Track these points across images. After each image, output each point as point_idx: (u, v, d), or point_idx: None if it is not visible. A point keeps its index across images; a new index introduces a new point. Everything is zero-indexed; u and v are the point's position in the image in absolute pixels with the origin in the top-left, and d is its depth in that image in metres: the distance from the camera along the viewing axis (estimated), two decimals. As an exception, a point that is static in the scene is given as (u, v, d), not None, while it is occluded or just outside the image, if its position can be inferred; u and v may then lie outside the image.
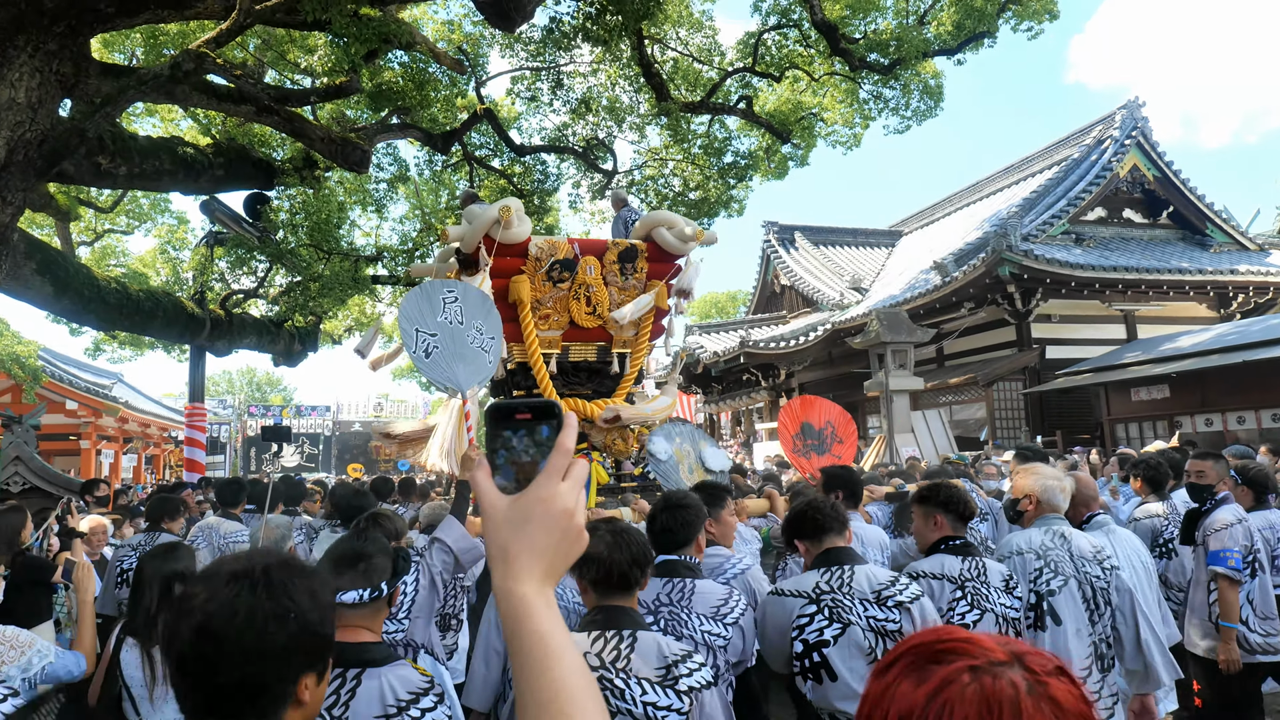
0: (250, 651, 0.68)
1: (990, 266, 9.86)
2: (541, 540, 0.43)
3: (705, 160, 9.63)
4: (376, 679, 1.12)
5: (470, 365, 2.90)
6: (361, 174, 8.68)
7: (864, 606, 1.51)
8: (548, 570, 0.43)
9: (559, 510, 0.44)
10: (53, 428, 14.30)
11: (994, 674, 0.43)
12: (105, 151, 7.21)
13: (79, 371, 14.39)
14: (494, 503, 0.45)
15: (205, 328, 9.41)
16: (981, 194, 13.86)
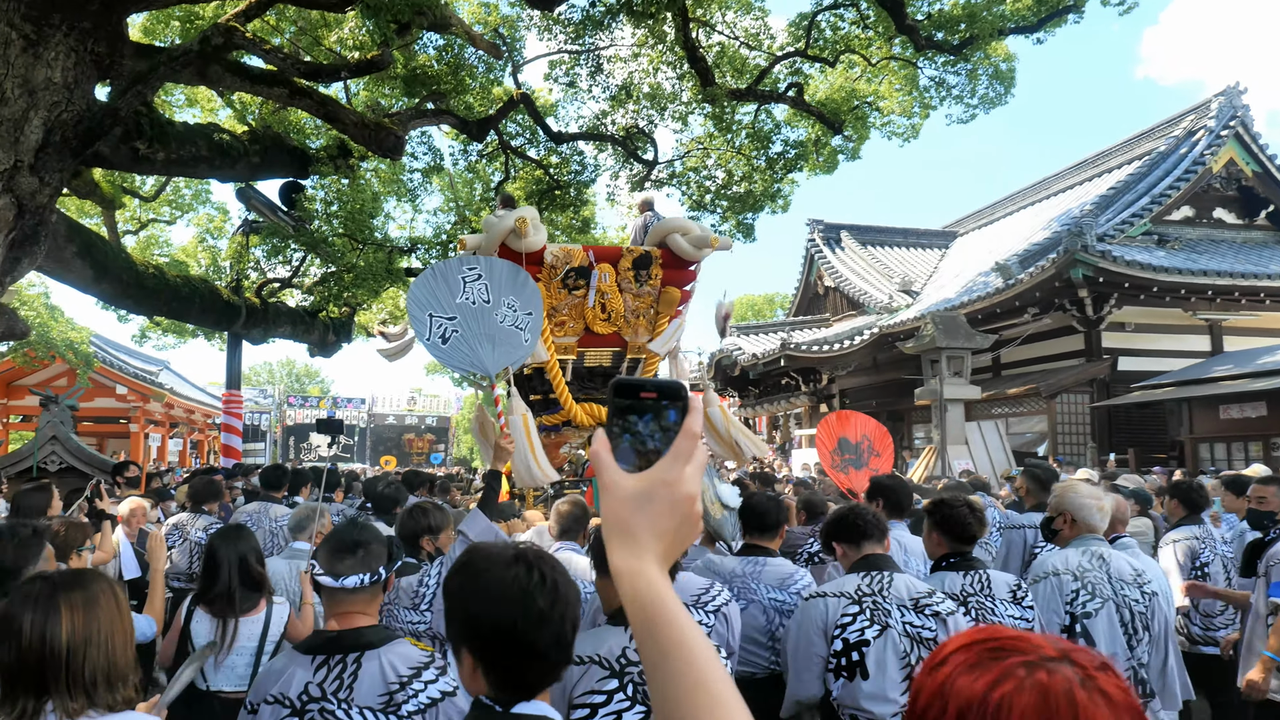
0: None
1: (1061, 269, 8.74)
2: (665, 522, 0.42)
3: (752, 149, 8.77)
4: (375, 659, 1.14)
5: (502, 346, 2.63)
6: (395, 160, 8.16)
7: (902, 612, 1.51)
8: (667, 552, 0.42)
9: (683, 494, 0.43)
10: (103, 410, 14.51)
11: (1048, 669, 0.43)
12: (143, 136, 6.86)
13: (128, 358, 14.54)
14: (617, 480, 0.43)
15: (241, 316, 9.12)
16: (1048, 191, 12.55)
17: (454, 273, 2.67)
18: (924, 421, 11.55)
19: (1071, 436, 9.74)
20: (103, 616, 0.93)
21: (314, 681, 1.14)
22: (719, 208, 9.40)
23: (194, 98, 9.80)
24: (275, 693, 1.15)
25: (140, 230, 11.17)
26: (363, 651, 1.15)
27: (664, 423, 0.45)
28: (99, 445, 16.63)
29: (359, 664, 1.14)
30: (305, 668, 1.15)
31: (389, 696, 1.11)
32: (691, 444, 0.43)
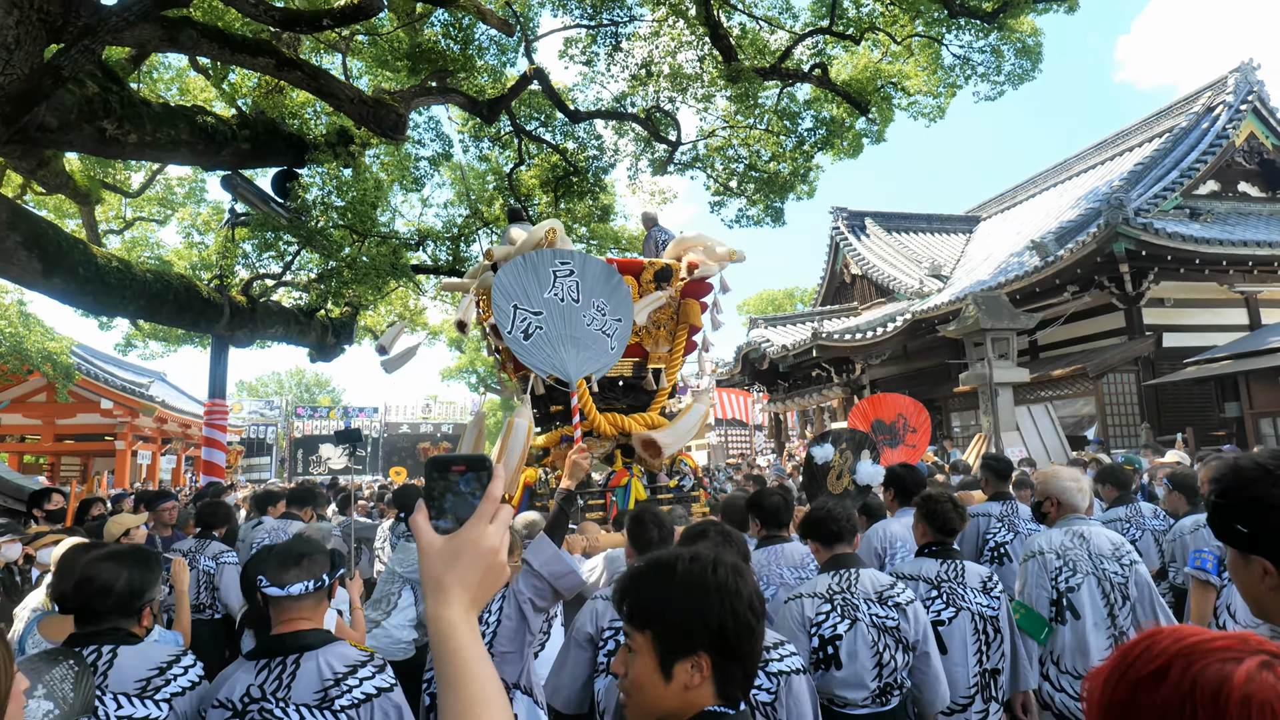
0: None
1: (1103, 243, 7.74)
2: (470, 574, 0.47)
3: (780, 126, 7.70)
4: (314, 659, 1.16)
5: (587, 351, 2.37)
6: (397, 142, 6.91)
7: (869, 605, 1.56)
8: (474, 599, 0.47)
9: (485, 549, 0.48)
10: (86, 427, 12.66)
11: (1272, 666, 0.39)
12: (110, 115, 5.55)
13: (116, 369, 12.79)
14: (431, 540, 0.49)
15: (224, 315, 7.62)
16: (1070, 173, 11.71)
17: (545, 265, 2.38)
18: (962, 409, 10.35)
19: (1120, 417, 8.59)
20: None
21: (255, 684, 1.15)
22: (746, 191, 8.29)
23: (185, 86, 8.50)
24: (220, 697, 1.17)
25: (126, 230, 9.68)
26: (302, 653, 1.16)
27: (472, 489, 0.50)
28: (84, 465, 14.61)
29: (298, 664, 1.16)
30: (249, 672, 1.17)
31: (324, 693, 1.12)
32: (492, 506, 0.50)
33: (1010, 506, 2.59)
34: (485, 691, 0.43)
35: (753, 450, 13.94)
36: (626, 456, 3.78)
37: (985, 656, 1.69)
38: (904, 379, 11.21)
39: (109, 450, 12.87)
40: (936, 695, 1.54)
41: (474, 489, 0.50)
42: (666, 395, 4.22)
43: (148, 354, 10.93)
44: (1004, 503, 2.61)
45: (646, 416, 3.96)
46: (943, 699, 1.55)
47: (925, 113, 8.45)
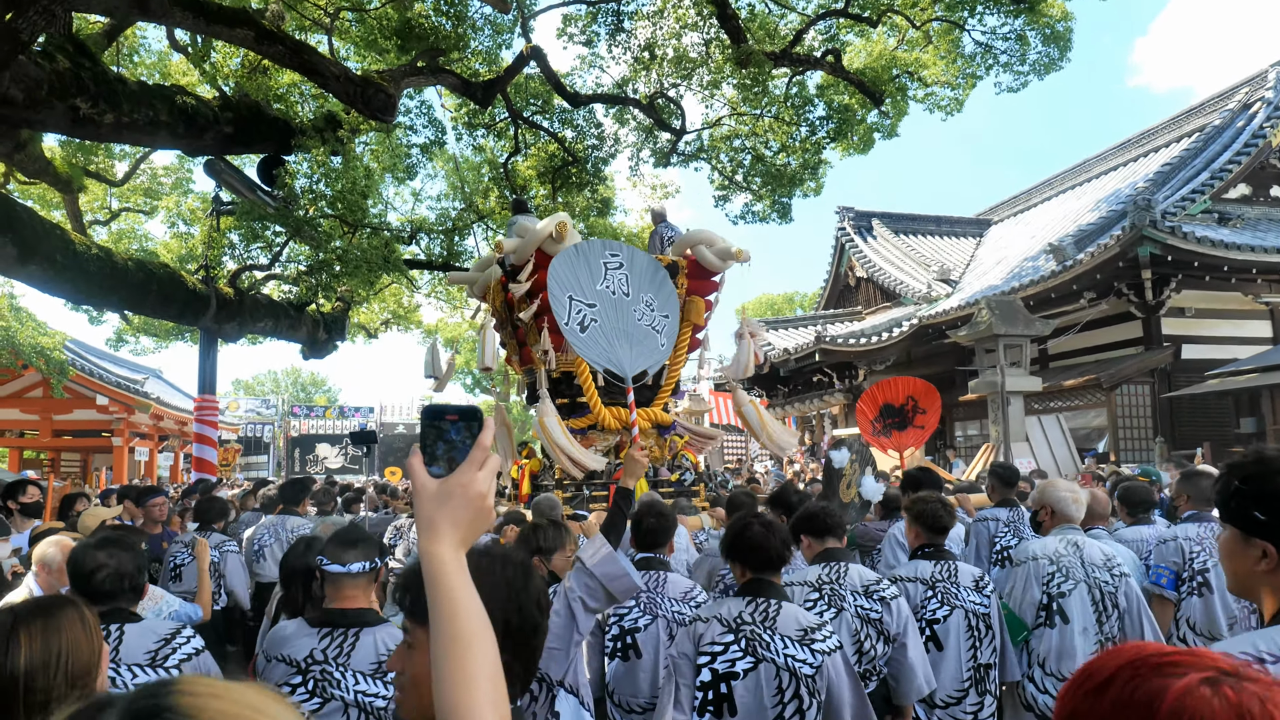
0: None
1: (1126, 246, 7.15)
2: (459, 515, 0.49)
3: (790, 114, 7.08)
4: (371, 635, 1.31)
5: (639, 347, 2.34)
6: (387, 123, 6.33)
7: (855, 597, 1.62)
8: (463, 538, 0.49)
9: (475, 493, 0.50)
10: (83, 423, 12.28)
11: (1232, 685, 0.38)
12: (84, 92, 5.02)
13: (111, 365, 12.38)
14: (425, 484, 0.51)
15: (210, 307, 7.13)
16: (1089, 175, 11.05)
17: (596, 256, 2.34)
18: (966, 419, 9.84)
19: (1133, 430, 8.08)
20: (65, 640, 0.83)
21: (318, 648, 1.30)
22: (752, 185, 7.70)
23: (167, 71, 7.92)
24: (284, 654, 1.31)
25: (111, 220, 9.16)
26: (362, 628, 1.31)
27: (463, 437, 0.53)
28: (84, 461, 14.30)
29: (358, 637, 1.30)
30: (311, 637, 1.31)
31: (379, 664, 1.28)
32: (482, 453, 0.52)
33: (1017, 513, 2.62)
34: (472, 622, 0.46)
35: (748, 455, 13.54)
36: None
37: (978, 652, 1.74)
38: None
39: (107, 446, 12.51)
40: (912, 686, 1.57)
41: (465, 437, 0.53)
42: (670, 391, 4.14)
43: (139, 349, 10.48)
44: (1011, 509, 2.64)
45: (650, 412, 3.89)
46: (918, 690, 1.58)
47: (942, 105, 7.81)
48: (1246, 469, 0.75)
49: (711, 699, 1.31)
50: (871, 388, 4.66)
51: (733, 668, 1.32)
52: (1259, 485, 0.73)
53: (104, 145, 8.26)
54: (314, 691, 1.26)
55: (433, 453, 0.52)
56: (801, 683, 1.30)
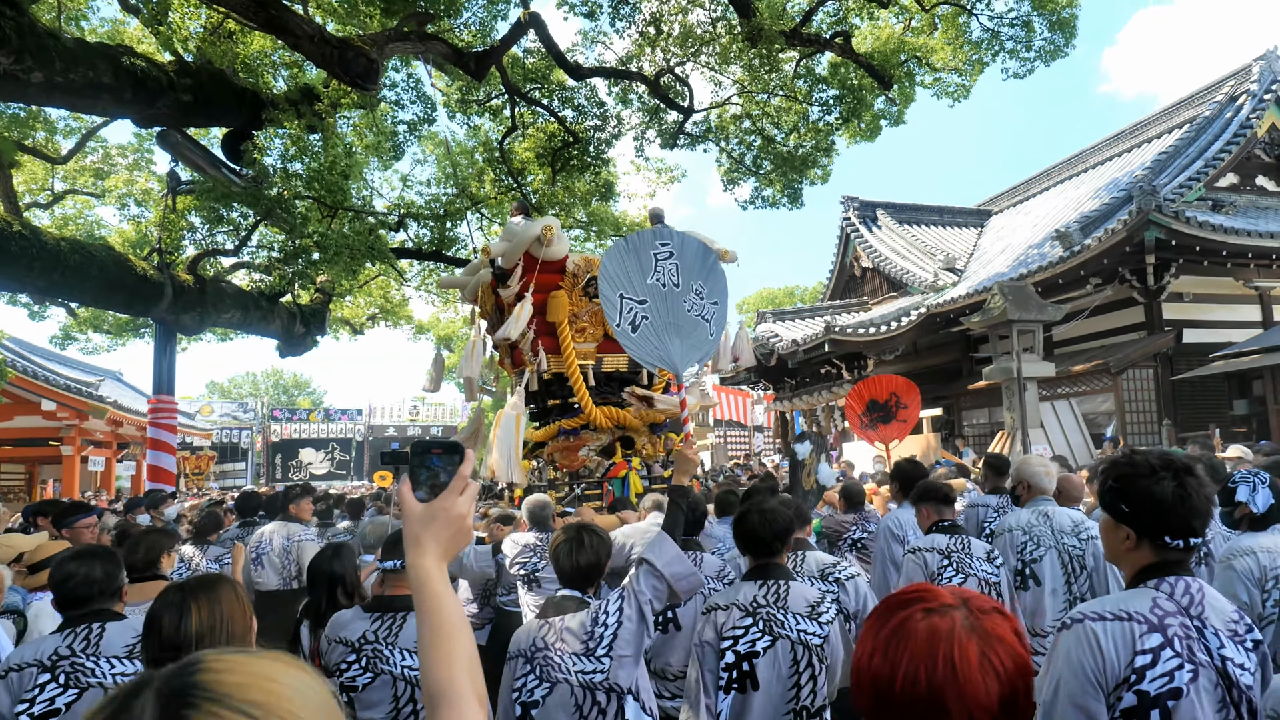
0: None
1: (1133, 230, 6.91)
2: (442, 533, 0.58)
3: (804, 92, 6.58)
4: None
5: (689, 339, 2.10)
6: (368, 91, 5.52)
7: (813, 581, 1.74)
8: (444, 552, 0.58)
9: (455, 515, 0.59)
10: (26, 431, 10.78)
11: (942, 613, 0.52)
12: (5, 45, 4.12)
13: (60, 367, 10.95)
14: (412, 507, 0.60)
15: (165, 296, 6.12)
16: (1086, 165, 10.86)
17: (646, 248, 2.09)
18: (974, 408, 9.50)
19: (1139, 415, 7.84)
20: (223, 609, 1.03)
21: (370, 629, 1.44)
22: (762, 168, 7.17)
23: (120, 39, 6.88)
24: (341, 636, 1.46)
25: (54, 204, 7.97)
26: (408, 612, 1.43)
27: (446, 467, 0.62)
28: (29, 473, 12.65)
29: (405, 620, 1.44)
30: (364, 620, 1.46)
31: None
32: (462, 482, 0.61)
33: (1006, 500, 2.69)
34: (453, 621, 0.53)
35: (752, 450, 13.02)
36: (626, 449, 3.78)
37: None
38: (913, 377, 10.28)
39: (56, 456, 11.02)
40: None
41: (447, 467, 0.62)
42: (660, 390, 4.11)
43: (89, 347, 9.20)
44: (1000, 496, 2.72)
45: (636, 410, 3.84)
46: None
47: (950, 91, 7.49)
48: (1120, 469, 0.94)
49: (735, 677, 1.40)
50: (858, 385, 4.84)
51: (753, 647, 1.40)
52: (1126, 485, 0.92)
53: (44, 117, 7.13)
54: (366, 667, 1.41)
55: (419, 481, 0.62)
56: (812, 653, 1.41)
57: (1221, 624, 0.88)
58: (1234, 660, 0.85)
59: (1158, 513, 0.90)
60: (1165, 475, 0.90)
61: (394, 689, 1.39)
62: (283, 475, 18.71)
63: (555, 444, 3.81)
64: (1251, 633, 0.89)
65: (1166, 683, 0.82)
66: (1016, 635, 0.51)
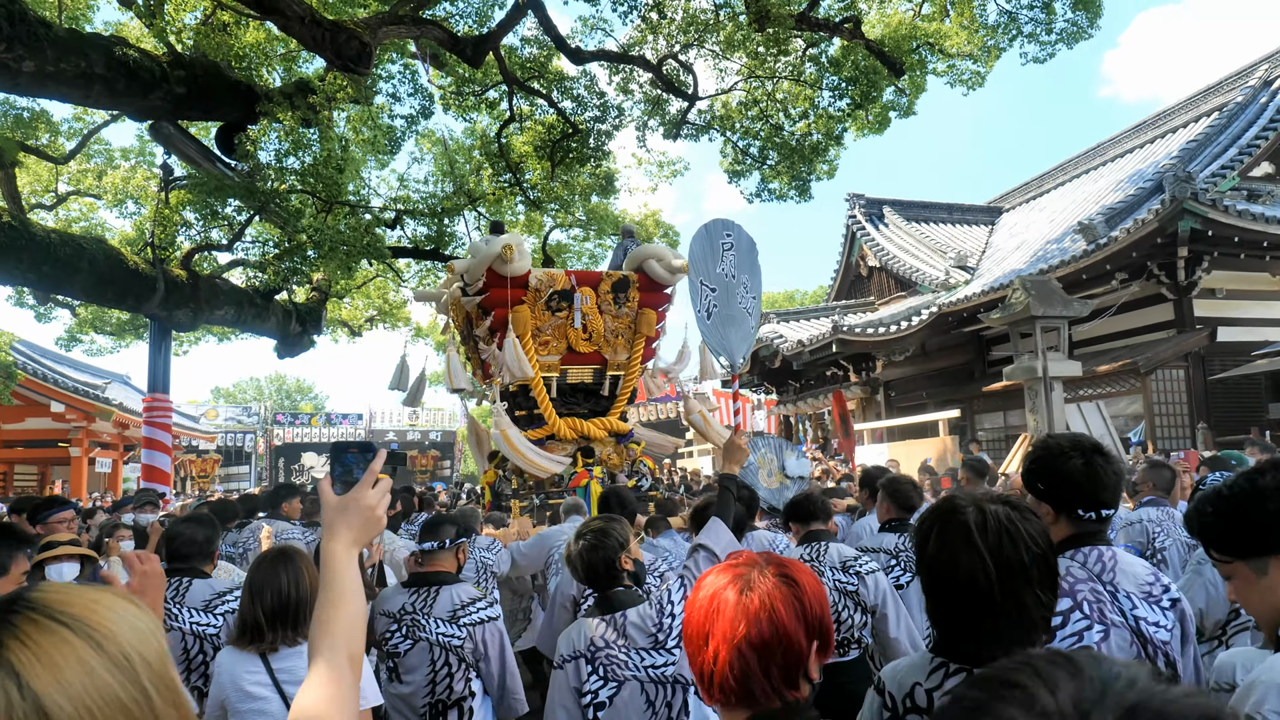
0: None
1: (1166, 220, 6.36)
2: (353, 521, 0.65)
3: (815, 75, 6.14)
4: (448, 591, 1.65)
5: (738, 330, 2.16)
6: (361, 75, 5.20)
7: (833, 572, 1.78)
8: (354, 539, 0.65)
9: (365, 505, 0.66)
10: (37, 433, 10.64)
11: (743, 581, 0.63)
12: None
13: (69, 370, 10.81)
14: (329, 498, 0.67)
15: (157, 292, 5.84)
16: (1105, 157, 10.24)
17: (717, 236, 2.14)
18: (988, 410, 8.92)
19: (1169, 417, 7.24)
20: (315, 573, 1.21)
21: (407, 602, 1.64)
22: (769, 160, 6.74)
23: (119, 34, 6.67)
24: (384, 609, 1.66)
25: (58, 205, 7.80)
26: (440, 585, 1.65)
27: (360, 463, 0.69)
28: (41, 474, 12.54)
29: (437, 592, 1.64)
30: (403, 595, 1.67)
31: (454, 612, 1.61)
32: (372, 476, 0.68)
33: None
34: (343, 595, 0.62)
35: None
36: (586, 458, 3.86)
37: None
38: (922, 380, 9.76)
39: (65, 458, 10.85)
40: (897, 654, 1.68)
41: (361, 464, 0.69)
42: (625, 401, 4.17)
43: (93, 349, 8.99)
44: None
45: (606, 421, 3.98)
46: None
47: (964, 79, 7.00)
48: (1036, 452, 1.03)
49: None
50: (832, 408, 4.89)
51: None
52: (1041, 465, 1.00)
53: (47, 118, 6.98)
54: (406, 635, 1.60)
55: (335, 475, 0.69)
56: (847, 596, 1.72)
57: (1134, 587, 0.94)
58: (1148, 619, 0.91)
59: (1070, 488, 0.97)
60: (1075, 455, 0.98)
61: (431, 654, 1.58)
62: (286, 478, 18.57)
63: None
64: (1168, 593, 0.95)
65: (1075, 642, 0.88)
66: (787, 583, 0.62)
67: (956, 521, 0.70)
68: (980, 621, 0.67)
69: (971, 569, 0.67)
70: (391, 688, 1.59)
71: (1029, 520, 0.69)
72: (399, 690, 1.58)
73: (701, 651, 0.60)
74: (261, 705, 1.17)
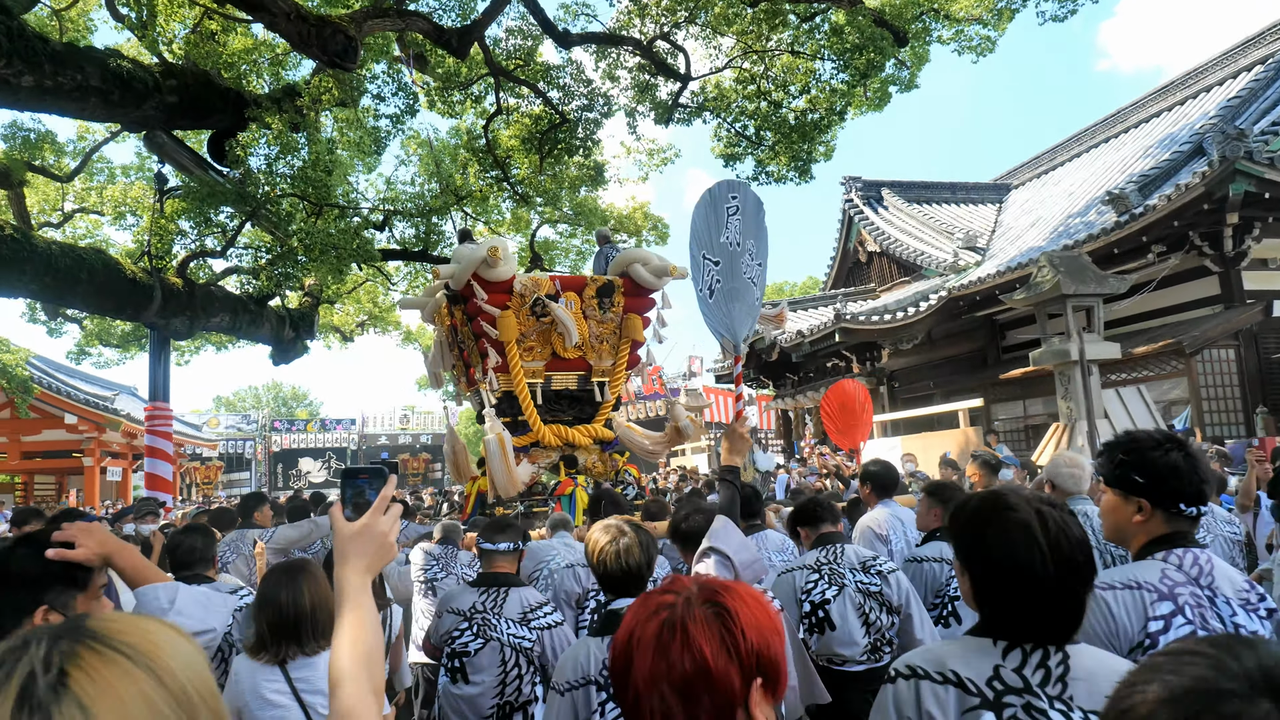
0: None
1: (1214, 184, 5.76)
2: (366, 548, 0.66)
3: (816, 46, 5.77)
4: (516, 593, 1.71)
5: (741, 304, 1.90)
6: (347, 70, 5.05)
7: (853, 574, 1.73)
8: (367, 566, 0.66)
9: (378, 532, 0.67)
10: (52, 443, 10.83)
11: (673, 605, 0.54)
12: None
13: (80, 383, 11.02)
14: (342, 525, 0.67)
15: (155, 300, 5.78)
16: (1125, 124, 9.52)
17: (722, 201, 1.88)
18: (1007, 400, 8.29)
19: (1219, 401, 6.54)
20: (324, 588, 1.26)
21: (478, 601, 1.69)
22: (766, 141, 6.38)
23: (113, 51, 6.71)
24: (454, 606, 1.71)
25: (64, 223, 7.90)
26: (509, 587, 1.71)
27: (372, 488, 0.71)
28: (59, 484, 12.81)
29: (507, 593, 1.69)
30: (473, 593, 1.72)
31: (524, 614, 1.66)
32: (384, 502, 0.68)
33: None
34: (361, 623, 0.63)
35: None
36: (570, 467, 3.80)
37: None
38: (927, 370, 9.14)
39: (80, 468, 11.03)
40: None
41: (373, 489, 0.70)
42: (610, 407, 4.08)
43: (101, 361, 9.10)
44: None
45: (591, 428, 3.90)
46: None
47: (972, 45, 6.53)
48: (1125, 445, 1.01)
49: (815, 621, 1.68)
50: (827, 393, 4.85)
51: (824, 596, 1.69)
52: (1138, 457, 0.98)
53: (51, 138, 7.09)
54: (477, 634, 1.62)
55: (346, 499, 0.71)
56: (872, 598, 1.68)
57: (1233, 593, 0.92)
58: (1246, 628, 0.90)
59: (1175, 481, 0.95)
60: (1171, 447, 0.98)
61: (502, 654, 1.57)
62: (284, 484, 18.86)
63: (509, 462, 3.97)
64: (1265, 602, 0.93)
65: None
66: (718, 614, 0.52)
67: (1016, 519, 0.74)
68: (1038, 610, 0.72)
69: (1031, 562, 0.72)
70: (456, 689, 1.56)
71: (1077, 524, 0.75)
72: (464, 691, 1.56)
73: (622, 694, 0.54)
74: (281, 713, 1.19)
